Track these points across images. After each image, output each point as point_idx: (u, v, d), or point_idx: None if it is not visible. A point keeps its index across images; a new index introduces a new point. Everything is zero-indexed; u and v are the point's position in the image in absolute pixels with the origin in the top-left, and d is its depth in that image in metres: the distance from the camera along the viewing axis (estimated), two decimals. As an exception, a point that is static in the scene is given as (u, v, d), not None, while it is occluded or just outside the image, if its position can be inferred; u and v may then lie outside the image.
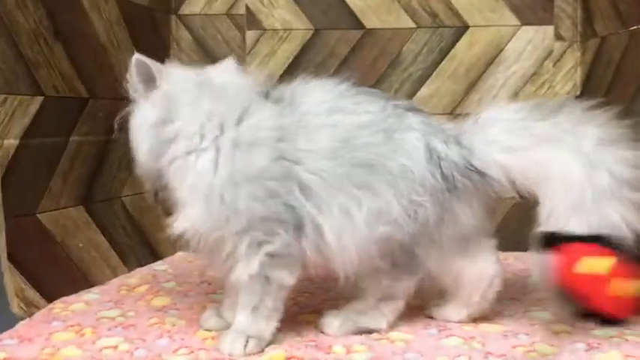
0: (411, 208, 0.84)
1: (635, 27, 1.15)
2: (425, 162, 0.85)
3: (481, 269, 0.92)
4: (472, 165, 0.86)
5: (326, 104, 0.86)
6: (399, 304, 0.91)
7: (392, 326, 0.90)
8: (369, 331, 0.88)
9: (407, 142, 0.86)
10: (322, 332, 0.88)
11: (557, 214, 0.84)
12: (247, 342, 0.81)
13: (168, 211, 0.89)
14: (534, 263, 1.27)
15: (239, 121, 0.84)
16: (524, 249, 1.39)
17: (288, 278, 0.84)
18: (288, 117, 0.85)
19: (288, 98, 0.87)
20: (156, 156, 0.85)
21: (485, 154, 0.86)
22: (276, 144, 0.83)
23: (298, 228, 0.83)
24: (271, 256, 0.83)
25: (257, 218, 0.82)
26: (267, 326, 0.84)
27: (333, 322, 0.88)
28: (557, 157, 0.85)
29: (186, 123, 0.84)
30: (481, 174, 0.86)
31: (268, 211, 0.82)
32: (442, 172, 0.85)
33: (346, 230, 0.83)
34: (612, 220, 0.82)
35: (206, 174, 0.82)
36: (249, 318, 0.84)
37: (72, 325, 0.92)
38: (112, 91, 1.21)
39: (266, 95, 0.88)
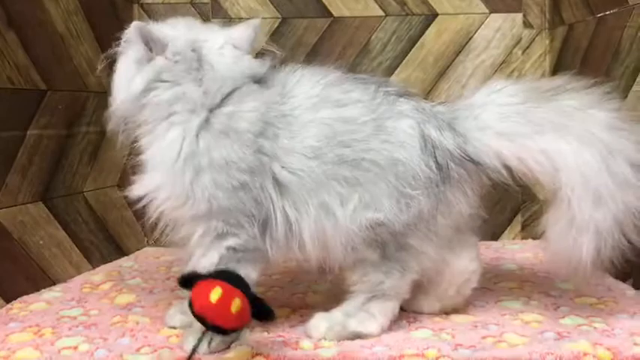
0: (403, 201, 0.81)
1: (602, 14, 1.14)
2: (419, 152, 0.81)
3: (463, 265, 0.90)
4: (467, 154, 0.82)
5: (315, 97, 0.83)
6: (391, 305, 0.85)
7: (384, 331, 0.84)
8: (360, 337, 0.82)
9: (400, 132, 0.82)
10: (309, 336, 0.83)
11: (580, 206, 0.79)
12: (211, 340, 0.79)
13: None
14: (506, 252, 1.28)
15: (218, 105, 0.81)
16: (495, 238, 1.41)
17: (252, 274, 0.81)
18: (274, 111, 0.82)
19: (279, 88, 0.84)
20: (145, 92, 0.82)
21: (480, 142, 0.82)
22: (256, 138, 0.80)
23: (265, 224, 0.81)
24: (234, 250, 0.80)
25: (219, 208, 0.79)
26: None
27: (319, 325, 0.83)
28: (568, 146, 0.80)
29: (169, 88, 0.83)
30: (476, 162, 0.83)
31: (234, 203, 0.79)
32: (437, 162, 0.82)
33: (327, 228, 0.81)
34: (637, 207, 0.79)
35: (172, 147, 0.80)
36: None
37: (30, 326, 0.89)
38: (71, 83, 1.17)
39: (260, 80, 0.85)
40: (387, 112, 0.83)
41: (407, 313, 0.91)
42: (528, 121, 0.82)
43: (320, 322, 0.84)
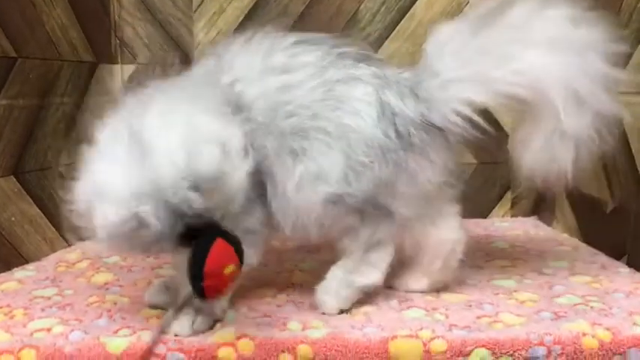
0: (356, 168, 0.76)
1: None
2: (375, 120, 0.76)
3: (443, 235, 0.86)
4: (431, 121, 0.78)
5: (256, 67, 0.77)
6: (389, 250, 0.83)
7: (388, 276, 0.83)
8: (368, 290, 0.82)
9: (352, 98, 0.76)
10: (323, 314, 0.80)
11: (566, 113, 0.76)
12: (194, 320, 0.75)
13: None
14: (496, 229, 1.25)
15: None
16: (485, 215, 1.38)
17: (250, 257, 0.74)
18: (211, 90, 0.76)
19: (216, 66, 0.78)
20: None
21: (445, 105, 0.77)
22: None
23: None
24: (245, 232, 0.73)
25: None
26: (218, 303, 0.77)
27: (327, 300, 0.80)
28: (539, 57, 0.75)
29: None
30: (441, 129, 0.78)
31: None
32: (396, 130, 0.76)
33: (289, 207, 0.77)
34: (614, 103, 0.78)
35: None
36: None
37: (1, 307, 0.84)
38: (43, 50, 1.11)
39: None
40: (338, 74, 0.77)
41: (398, 292, 0.88)
42: (488, 52, 0.77)
43: (326, 297, 0.81)
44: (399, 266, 0.88)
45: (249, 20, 1.33)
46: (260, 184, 0.76)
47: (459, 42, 0.79)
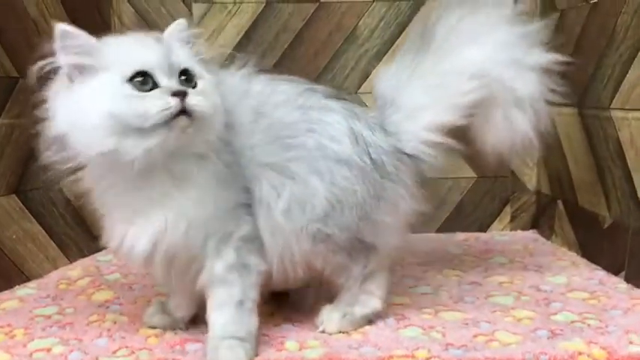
0: (340, 196, 0.77)
1: (595, 0, 1.11)
2: (350, 145, 0.78)
3: None
4: (402, 151, 0.82)
5: (239, 88, 0.79)
6: (384, 275, 0.85)
7: (387, 301, 0.86)
8: (370, 320, 0.83)
9: (326, 123, 0.79)
10: (323, 332, 0.80)
11: (515, 86, 0.86)
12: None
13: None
14: (495, 243, 1.25)
15: None
16: (484, 229, 1.38)
17: (260, 264, 0.76)
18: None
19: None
20: None
21: (414, 135, 0.82)
22: None
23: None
24: (244, 240, 0.75)
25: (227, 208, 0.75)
26: (254, 322, 0.76)
27: (332, 317, 0.81)
28: (481, 53, 0.84)
29: None
30: (412, 157, 0.82)
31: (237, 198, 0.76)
32: (371, 158, 0.79)
33: (271, 222, 0.77)
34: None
35: None
36: (235, 316, 0.74)
37: (2, 326, 0.85)
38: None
39: None
40: (311, 102, 0.80)
41: (394, 310, 0.88)
42: (436, 73, 0.83)
43: (332, 314, 0.82)
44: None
45: (248, 37, 1.34)
46: (246, 190, 0.77)
47: (407, 74, 0.85)
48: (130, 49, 0.72)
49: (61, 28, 0.72)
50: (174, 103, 0.68)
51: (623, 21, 1.02)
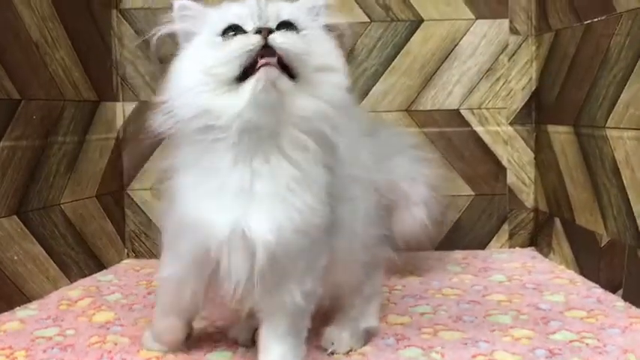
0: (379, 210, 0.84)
1: (589, 21, 1.13)
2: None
3: None
4: None
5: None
6: (380, 299, 0.91)
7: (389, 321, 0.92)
8: (370, 332, 0.86)
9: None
10: (333, 354, 0.81)
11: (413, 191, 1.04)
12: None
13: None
14: (494, 261, 1.26)
15: None
16: (483, 246, 1.39)
17: (319, 289, 0.74)
18: None
19: None
20: None
21: None
22: None
23: None
24: (322, 269, 0.73)
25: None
26: (305, 350, 0.75)
27: (342, 337, 0.81)
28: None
29: None
30: None
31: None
32: None
33: (350, 238, 0.78)
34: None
35: None
36: (294, 345, 0.73)
37: (3, 348, 0.85)
38: (47, 92, 1.13)
39: None
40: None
41: (395, 330, 0.89)
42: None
43: (341, 335, 0.82)
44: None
45: (248, 58, 1.35)
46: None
47: None
48: (226, 8, 0.71)
49: (178, 2, 0.73)
50: (255, 39, 0.64)
51: (616, 42, 1.04)
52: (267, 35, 0.64)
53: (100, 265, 1.28)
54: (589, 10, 1.13)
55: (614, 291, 1.04)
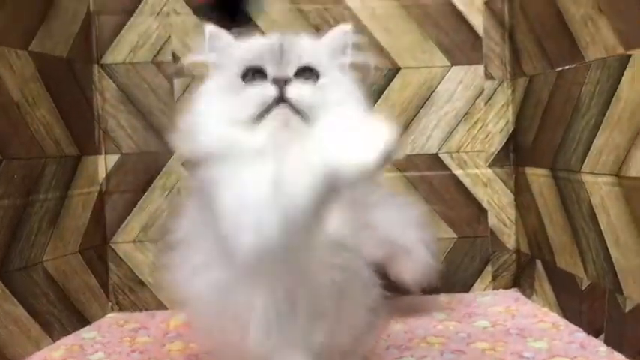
0: None
1: (560, 68, 1.16)
2: None
3: None
4: None
5: None
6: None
7: None
8: None
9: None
10: None
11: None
12: None
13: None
14: (477, 305, 1.27)
15: None
16: (467, 289, 1.40)
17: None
18: None
19: None
20: None
21: None
22: None
23: None
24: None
25: None
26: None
27: None
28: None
29: None
30: None
31: None
32: None
33: None
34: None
35: None
36: None
37: (-17, 418, 0.84)
38: (28, 150, 1.14)
39: None
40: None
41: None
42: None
43: None
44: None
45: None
46: None
47: None
48: (250, 45, 0.74)
49: (210, 29, 0.75)
50: (271, 91, 0.68)
51: (586, 90, 1.07)
52: (284, 85, 0.68)
53: (83, 321, 1.26)
54: (560, 57, 1.16)
55: (596, 335, 1.04)
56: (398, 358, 1.00)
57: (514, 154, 1.39)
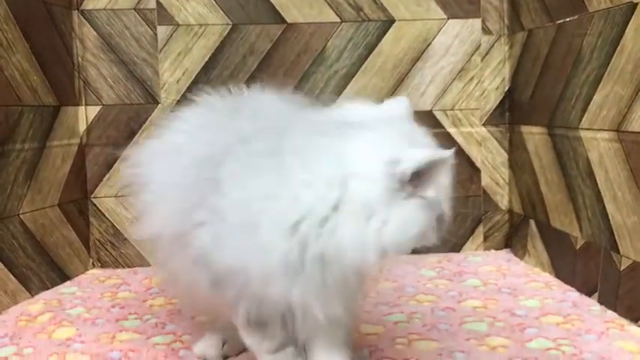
0: None
1: (561, 20, 1.12)
2: None
3: None
4: None
5: None
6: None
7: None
8: None
9: None
10: None
11: None
12: None
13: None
14: (468, 264, 1.24)
15: None
16: (458, 249, 1.37)
17: None
18: None
19: None
20: None
21: None
22: None
23: None
24: None
25: None
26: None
27: None
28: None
29: None
30: None
31: None
32: None
33: None
34: None
35: None
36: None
37: (-46, 371, 0.81)
38: (3, 97, 1.08)
39: None
40: None
41: (369, 341, 0.86)
42: None
43: None
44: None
45: (215, 60, 1.32)
46: None
47: None
48: None
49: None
50: None
51: (588, 42, 1.02)
52: None
53: (63, 276, 1.23)
54: (561, 9, 1.12)
55: (589, 294, 1.02)
56: (387, 314, 0.97)
57: (509, 113, 1.35)
